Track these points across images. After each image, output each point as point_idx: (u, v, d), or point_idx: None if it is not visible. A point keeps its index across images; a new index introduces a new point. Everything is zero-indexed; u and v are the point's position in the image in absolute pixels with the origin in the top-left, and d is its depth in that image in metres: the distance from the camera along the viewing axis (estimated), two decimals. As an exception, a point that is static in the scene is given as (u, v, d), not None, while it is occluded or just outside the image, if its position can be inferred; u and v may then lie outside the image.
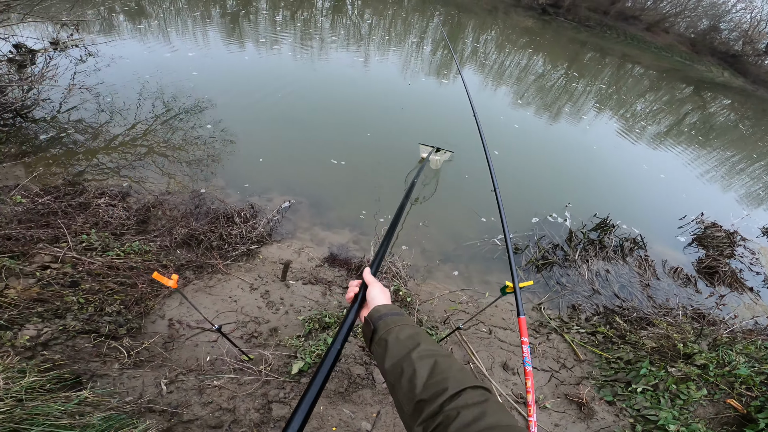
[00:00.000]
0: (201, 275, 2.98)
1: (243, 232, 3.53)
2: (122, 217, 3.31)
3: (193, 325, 2.44)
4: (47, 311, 2.18)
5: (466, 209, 4.79)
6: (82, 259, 2.61)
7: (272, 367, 2.27)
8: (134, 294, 2.51)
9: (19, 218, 2.95)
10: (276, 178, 4.61)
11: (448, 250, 4.26)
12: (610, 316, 3.68)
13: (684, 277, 4.39)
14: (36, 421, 1.27)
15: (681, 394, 2.58)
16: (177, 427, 1.62)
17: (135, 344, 2.14)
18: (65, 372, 1.68)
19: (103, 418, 1.42)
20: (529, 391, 1.75)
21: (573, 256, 4.32)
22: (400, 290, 3.40)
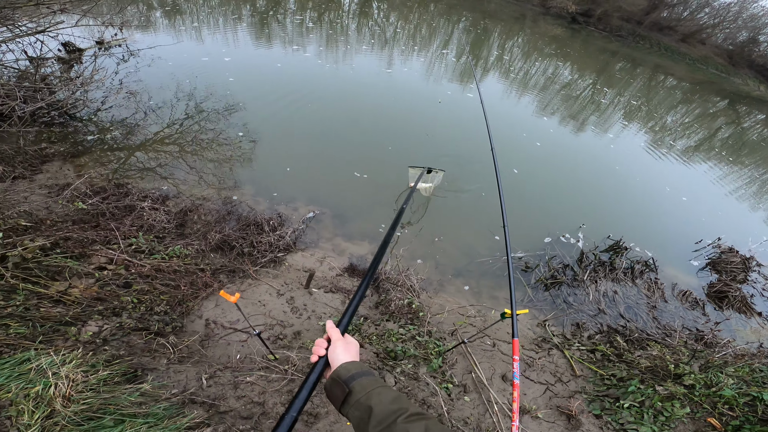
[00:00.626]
0: (233, 279, 3.37)
1: (271, 240, 3.90)
2: (164, 220, 3.71)
3: (226, 326, 2.81)
4: (106, 309, 2.51)
5: (481, 227, 5.04)
6: (133, 261, 2.98)
7: (296, 368, 2.62)
8: (177, 295, 2.88)
9: (73, 219, 3.34)
10: (302, 188, 5.01)
11: (460, 265, 4.54)
12: (612, 335, 3.87)
13: (692, 300, 4.51)
14: (108, 410, 1.62)
15: (665, 411, 2.78)
16: (214, 417, 1.98)
17: (178, 341, 2.51)
18: (126, 366, 2.05)
19: (161, 409, 1.78)
20: (515, 400, 2.08)
21: (582, 276, 4.52)
22: (413, 303, 3.70)
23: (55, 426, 1.46)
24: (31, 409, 1.47)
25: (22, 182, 3.82)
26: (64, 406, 1.53)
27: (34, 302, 2.33)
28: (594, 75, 12.99)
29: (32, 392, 1.53)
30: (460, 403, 2.79)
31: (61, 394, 1.56)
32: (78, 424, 1.51)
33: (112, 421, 1.59)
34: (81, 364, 1.80)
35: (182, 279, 3.05)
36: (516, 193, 5.73)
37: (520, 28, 17.71)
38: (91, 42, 6.75)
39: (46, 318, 2.26)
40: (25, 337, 2.08)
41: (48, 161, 4.24)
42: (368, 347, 3.10)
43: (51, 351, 1.89)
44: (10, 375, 1.64)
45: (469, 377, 3.07)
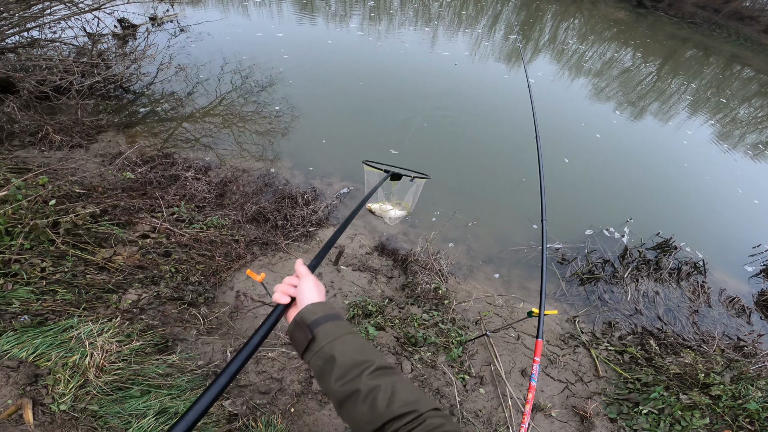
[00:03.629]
0: (266, 252, 3.52)
1: (305, 214, 4.01)
2: (204, 190, 3.90)
3: (255, 299, 2.98)
4: (146, 278, 2.67)
5: (519, 214, 4.91)
6: (174, 230, 3.15)
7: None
8: (212, 266, 3.04)
9: (122, 186, 3.57)
10: (338, 163, 5.09)
11: (493, 252, 4.47)
12: (645, 337, 3.73)
13: (739, 308, 4.23)
14: (136, 381, 1.80)
15: (682, 421, 2.69)
16: (234, 390, 2.14)
17: (209, 312, 2.69)
18: (158, 336, 2.24)
19: (185, 381, 1.95)
20: (528, 402, 2.08)
21: (622, 273, 4.33)
22: (440, 289, 3.72)
23: (87, 395, 1.64)
24: (67, 378, 1.65)
25: (79, 150, 4.12)
26: (96, 376, 1.70)
27: (81, 269, 2.50)
28: (659, 60, 11.80)
29: (69, 361, 1.71)
30: (474, 394, 2.84)
31: (95, 364, 1.74)
32: (107, 393, 1.69)
33: (139, 391, 1.77)
34: (117, 334, 1.98)
35: (218, 249, 3.22)
36: (562, 183, 5.48)
37: (577, 10, 16.32)
38: (145, 18, 7.03)
39: (91, 285, 2.44)
40: (71, 303, 2.25)
41: (103, 131, 4.56)
42: (389, 331, 3.18)
43: (91, 319, 2.08)
44: (52, 343, 1.83)
45: (487, 369, 3.10)
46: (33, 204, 2.63)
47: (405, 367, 2.85)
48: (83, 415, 1.63)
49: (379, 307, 3.42)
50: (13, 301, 2.12)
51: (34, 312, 2.12)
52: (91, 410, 1.65)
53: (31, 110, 4.33)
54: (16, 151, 3.92)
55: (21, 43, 4.62)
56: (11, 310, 2.07)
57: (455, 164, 5.56)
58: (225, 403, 2.00)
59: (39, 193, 2.73)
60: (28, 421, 1.58)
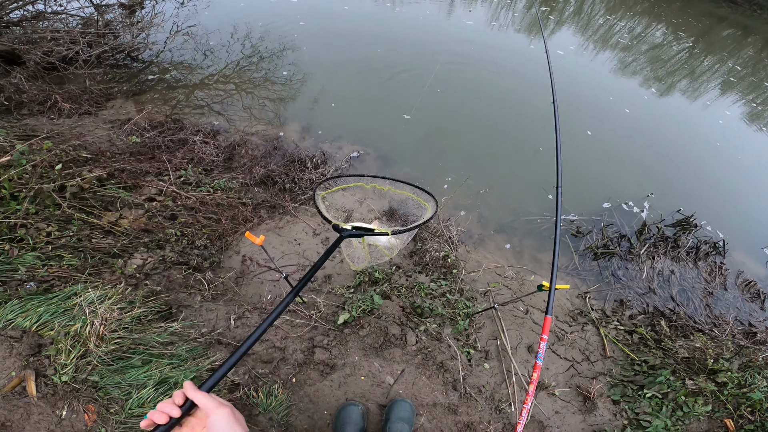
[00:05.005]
0: (273, 215, 3.44)
1: (313, 177, 3.92)
2: (213, 154, 3.85)
3: (261, 264, 2.92)
4: (152, 242, 2.64)
5: (534, 184, 4.73)
6: (180, 193, 3.09)
7: (321, 314, 2.71)
8: (218, 229, 2.98)
9: (131, 150, 3.52)
10: (348, 127, 4.94)
11: (505, 221, 4.34)
12: (656, 318, 3.66)
13: (754, 292, 4.11)
14: (137, 350, 1.75)
15: (685, 407, 2.66)
16: (237, 359, 2.11)
17: (214, 278, 2.64)
18: (161, 302, 2.19)
19: (186, 350, 1.91)
20: (532, 382, 2.00)
21: (638, 250, 4.20)
22: (450, 257, 3.63)
23: (88, 365, 1.60)
24: (68, 349, 1.60)
25: (88, 118, 4.07)
26: (96, 345, 1.66)
27: (86, 233, 2.46)
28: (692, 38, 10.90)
29: (71, 330, 1.66)
30: (478, 369, 2.81)
31: (95, 333, 1.69)
32: (108, 363, 1.65)
33: (140, 361, 1.72)
34: (120, 301, 1.92)
35: (224, 213, 3.15)
36: (583, 154, 5.24)
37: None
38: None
39: (97, 249, 2.40)
40: (77, 269, 2.21)
41: (112, 98, 4.53)
42: (395, 300, 3.12)
43: (96, 285, 2.02)
44: (56, 311, 1.78)
45: (493, 343, 3.06)
46: (39, 169, 2.59)
47: (409, 339, 2.81)
48: (84, 386, 1.60)
49: (385, 274, 3.35)
50: (19, 267, 2.08)
51: (40, 278, 2.09)
52: (92, 381, 1.62)
53: (38, 80, 4.32)
54: (25, 119, 3.87)
55: (26, 16, 4.59)
56: (17, 277, 2.03)
57: (470, 130, 5.35)
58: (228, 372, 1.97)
59: (43, 157, 2.67)
60: (31, 393, 1.55)
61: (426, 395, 2.46)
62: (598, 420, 2.69)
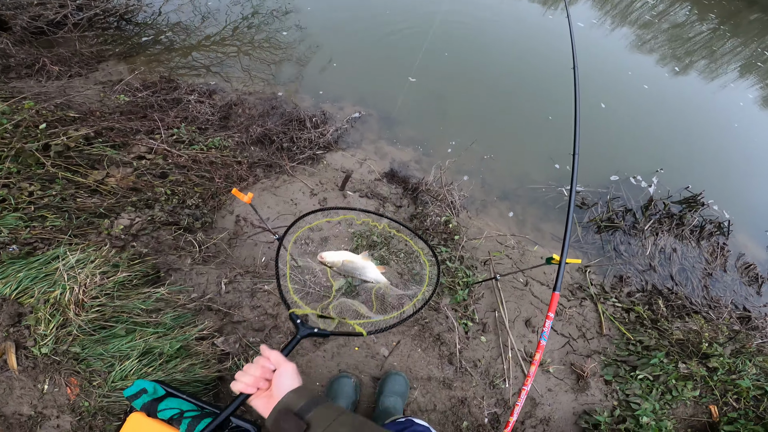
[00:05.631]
0: (269, 174, 3.26)
1: (312, 137, 3.74)
2: (208, 113, 3.67)
3: (255, 224, 2.75)
4: (140, 201, 2.49)
5: (541, 152, 4.57)
6: (171, 151, 2.92)
7: (316, 279, 2.58)
8: (211, 188, 2.83)
9: (122, 110, 3.33)
10: (350, 88, 4.73)
11: (509, 188, 4.21)
12: (654, 296, 3.61)
13: (753, 276, 4.07)
14: (120, 318, 1.61)
15: (674, 390, 2.66)
16: (227, 326, 1.99)
17: (206, 239, 2.48)
18: (148, 266, 2.03)
19: (172, 317, 1.77)
20: (533, 363, 1.91)
21: (643, 225, 4.09)
22: (451, 223, 3.49)
23: (68, 336, 1.46)
24: (48, 318, 1.46)
25: (78, 79, 3.86)
26: (76, 314, 1.51)
27: (71, 192, 2.32)
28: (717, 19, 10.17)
29: (51, 297, 1.51)
30: (475, 342, 2.74)
31: (75, 300, 1.54)
32: (90, 333, 1.51)
33: (124, 330, 1.59)
34: (103, 264, 1.76)
35: (218, 171, 2.99)
36: (595, 126, 5.03)
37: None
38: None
39: (82, 209, 2.25)
40: (61, 230, 2.07)
41: (104, 60, 4.29)
42: (393, 265, 3.00)
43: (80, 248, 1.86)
44: (37, 276, 1.62)
45: (491, 316, 2.98)
46: (21, 129, 2.45)
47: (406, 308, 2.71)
48: (65, 359, 1.49)
49: (384, 238, 3.21)
50: (2, 229, 1.93)
51: (23, 241, 1.95)
52: (74, 352, 1.51)
53: (26, 45, 4.07)
54: (12, 82, 3.64)
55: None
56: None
57: (478, 95, 5.13)
58: (218, 341, 1.85)
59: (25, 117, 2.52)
60: (12, 367, 1.44)
61: (421, 369, 2.40)
62: (589, 399, 2.68)
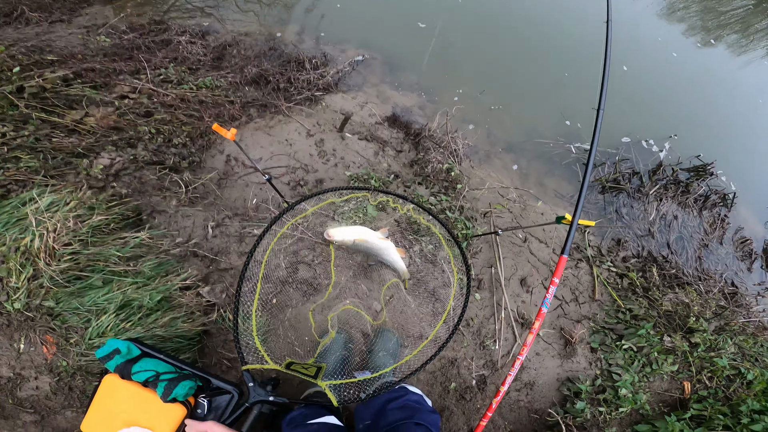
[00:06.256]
0: (263, 114, 3.06)
1: (311, 78, 3.55)
2: (200, 53, 3.49)
3: (247, 164, 2.53)
4: (121, 140, 2.32)
5: (552, 108, 4.34)
6: (157, 90, 2.75)
7: (309, 224, 2.41)
8: (200, 127, 2.65)
9: (105, 52, 3.11)
10: (354, 30, 4.44)
11: (515, 141, 4.03)
12: (649, 264, 3.56)
13: (747, 251, 4.04)
14: (97, 267, 1.43)
15: (654, 364, 2.67)
16: (213, 274, 1.83)
17: (193, 179, 2.28)
18: (129, 208, 1.83)
19: (152, 265, 1.59)
20: (532, 331, 1.80)
21: (648, 189, 3.98)
22: (453, 171, 3.32)
23: (41, 288, 1.29)
24: (19, 268, 1.27)
25: (60, 25, 3.58)
26: (47, 264, 1.33)
27: (46, 132, 2.16)
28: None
29: (22, 245, 1.31)
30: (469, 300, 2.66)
31: (45, 248, 1.34)
32: (63, 285, 1.34)
33: (101, 280, 1.42)
34: (78, 207, 1.55)
35: (208, 110, 2.83)
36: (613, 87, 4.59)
37: None
38: None
39: (58, 149, 2.10)
40: (36, 171, 1.92)
41: (88, 6, 3.93)
42: (390, 212, 2.83)
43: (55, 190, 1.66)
44: (8, 221, 1.41)
45: (487, 272, 2.89)
46: None
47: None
48: (39, 314, 1.35)
49: (383, 183, 3.03)
50: None
51: None
52: (47, 307, 1.37)
53: None
54: None
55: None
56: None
57: (492, 45, 4.80)
58: (203, 291, 1.70)
59: None
60: None
61: (413, 326, 2.32)
62: (574, 367, 2.68)
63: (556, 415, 2.41)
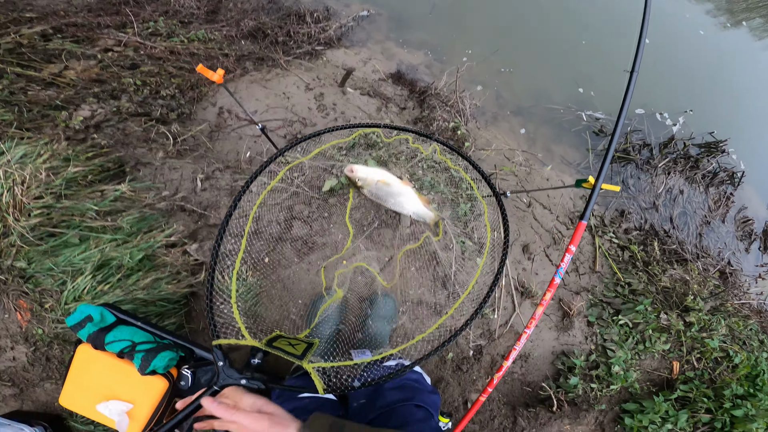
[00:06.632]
0: (260, 68, 2.88)
1: (312, 32, 3.39)
2: (193, 6, 3.27)
3: (241, 116, 2.36)
4: (104, 92, 2.16)
5: (566, 74, 4.16)
6: (145, 43, 2.59)
7: (305, 177, 2.25)
8: (191, 79, 2.51)
9: (90, 7, 2.89)
10: None
11: (524, 104, 3.88)
12: (650, 237, 3.49)
13: (747, 231, 3.99)
14: (72, 223, 1.27)
15: (648, 341, 2.64)
16: (202, 230, 1.69)
17: (182, 130, 2.13)
18: (110, 160, 1.65)
19: (133, 220, 1.44)
20: (542, 302, 1.64)
21: (657, 162, 3.86)
22: (459, 129, 3.16)
23: (11, 248, 1.15)
24: None
25: None
26: (15, 219, 1.18)
27: (21, 86, 2.03)
28: None
29: None
30: (470, 264, 2.55)
31: (14, 202, 1.19)
32: (35, 243, 1.20)
33: (77, 237, 1.27)
34: (51, 159, 1.37)
35: (200, 63, 2.50)
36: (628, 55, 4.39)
37: None
38: None
39: (34, 102, 1.96)
40: (10, 124, 1.78)
41: None
42: (392, 168, 2.66)
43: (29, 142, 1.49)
44: None
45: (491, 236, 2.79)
46: None
47: (403, 219, 2.45)
48: (11, 276, 1.22)
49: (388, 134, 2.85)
50: None
51: None
52: (19, 268, 1.24)
53: None
54: None
55: None
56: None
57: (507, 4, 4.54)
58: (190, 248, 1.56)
59: None
60: None
61: (412, 290, 2.23)
62: (570, 340, 2.64)
63: (549, 389, 2.39)
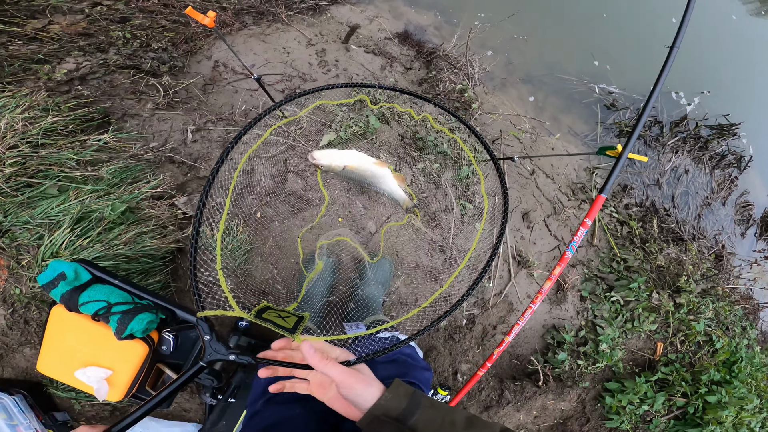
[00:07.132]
0: (259, 22, 2.73)
1: None
2: None
3: (237, 70, 2.25)
4: (90, 45, 2.05)
5: (583, 46, 4.01)
6: None
7: (302, 131, 2.16)
8: (185, 32, 2.37)
9: None
10: None
11: (535, 73, 3.75)
12: (650, 214, 3.46)
13: (746, 216, 3.96)
14: (50, 173, 1.19)
15: (636, 320, 2.65)
16: (192, 182, 1.61)
17: (174, 83, 2.02)
18: (95, 111, 1.55)
19: (116, 170, 1.35)
20: (550, 277, 1.56)
21: (666, 140, 3.78)
22: (467, 92, 3.05)
23: None
24: None
25: None
26: None
27: (2, 41, 1.91)
28: None
29: None
30: (469, 229, 2.51)
31: None
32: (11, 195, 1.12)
33: (56, 188, 1.19)
34: (29, 109, 1.26)
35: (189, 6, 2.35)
36: (655, 36, 4.16)
37: None
38: None
39: (15, 56, 1.86)
40: None
41: None
42: (394, 126, 2.58)
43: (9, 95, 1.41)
44: None
45: (491, 201, 2.72)
46: None
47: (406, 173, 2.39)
48: None
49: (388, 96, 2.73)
50: None
51: None
52: None
53: None
54: None
55: None
56: None
57: None
58: (179, 201, 1.49)
59: None
60: None
61: (409, 253, 2.19)
62: (561, 314, 2.64)
63: (537, 364, 2.40)
